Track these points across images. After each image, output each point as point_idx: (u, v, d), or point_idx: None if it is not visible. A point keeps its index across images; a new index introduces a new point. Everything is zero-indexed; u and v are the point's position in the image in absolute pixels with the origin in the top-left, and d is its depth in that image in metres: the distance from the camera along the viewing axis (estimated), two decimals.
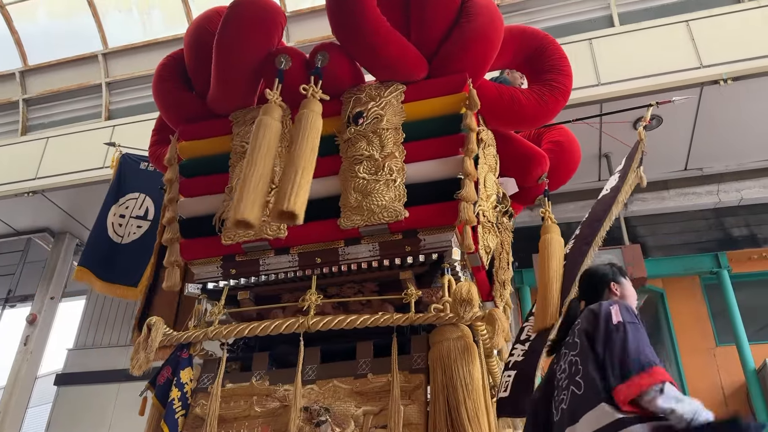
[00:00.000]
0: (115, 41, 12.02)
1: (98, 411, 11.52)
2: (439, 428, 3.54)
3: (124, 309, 12.57)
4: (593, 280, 3.61)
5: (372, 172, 4.19)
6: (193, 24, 4.84)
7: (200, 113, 4.83)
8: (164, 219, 4.70)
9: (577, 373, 3.06)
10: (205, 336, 4.25)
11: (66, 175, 11.44)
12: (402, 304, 4.21)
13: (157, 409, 4.12)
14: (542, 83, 4.62)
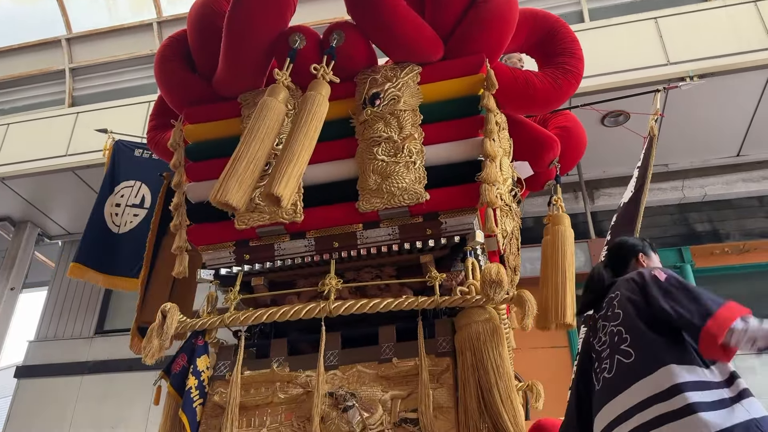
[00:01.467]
0: (80, 26, 11.69)
1: (60, 404, 11.36)
2: (471, 411, 3.54)
3: (87, 299, 12.41)
4: (622, 250, 3.61)
5: (391, 154, 4.15)
6: (198, 2, 4.68)
7: (205, 95, 4.74)
8: (172, 203, 4.60)
9: (623, 342, 3.06)
10: (222, 322, 4.18)
11: (27, 163, 11.24)
12: (420, 289, 4.23)
13: (173, 398, 4.06)
14: (555, 66, 4.61)
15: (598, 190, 10.94)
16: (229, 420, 3.84)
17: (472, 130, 4.18)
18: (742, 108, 9.54)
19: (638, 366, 2.91)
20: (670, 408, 2.71)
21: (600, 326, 3.33)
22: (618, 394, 2.95)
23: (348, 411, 3.72)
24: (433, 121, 4.26)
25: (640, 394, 2.85)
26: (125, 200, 5.76)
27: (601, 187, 11.00)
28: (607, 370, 3.10)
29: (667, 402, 2.74)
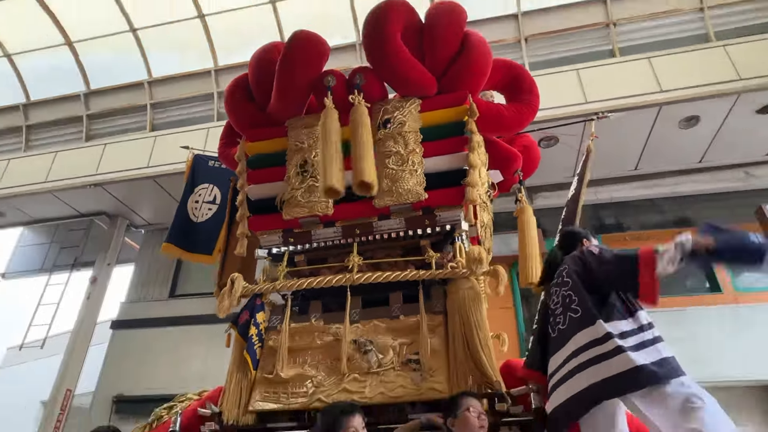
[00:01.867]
0: (158, 72, 11.75)
1: (142, 348, 11.41)
2: (459, 354, 3.66)
3: (163, 272, 12.50)
4: (572, 236, 3.60)
5: (399, 164, 4.25)
6: (256, 55, 4.81)
7: (260, 121, 4.84)
8: (237, 200, 4.74)
9: (572, 302, 3.08)
10: (274, 288, 4.34)
11: (119, 173, 11.25)
12: (420, 264, 4.25)
13: (239, 342, 4.16)
14: (519, 101, 4.67)
15: (537, 193, 10.91)
16: (280, 359, 3.98)
17: (459, 147, 4.27)
18: (639, 134, 9.48)
19: (582, 320, 2.98)
20: (605, 350, 2.79)
21: (554, 291, 3.33)
22: (571, 338, 3.01)
23: (367, 353, 3.87)
24: (429, 140, 4.34)
25: (583, 339, 2.93)
26: (202, 198, 5.82)
27: (540, 191, 10.98)
28: (561, 323, 3.14)
29: (602, 345, 2.81)
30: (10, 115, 12.39)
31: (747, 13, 9.55)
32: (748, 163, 10.40)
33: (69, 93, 12.09)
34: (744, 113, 9.20)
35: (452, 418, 3.03)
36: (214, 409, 3.89)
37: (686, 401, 2.57)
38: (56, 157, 11.60)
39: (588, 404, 2.80)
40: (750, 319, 9.03)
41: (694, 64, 9.21)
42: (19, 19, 11.09)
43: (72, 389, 10.74)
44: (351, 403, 3.22)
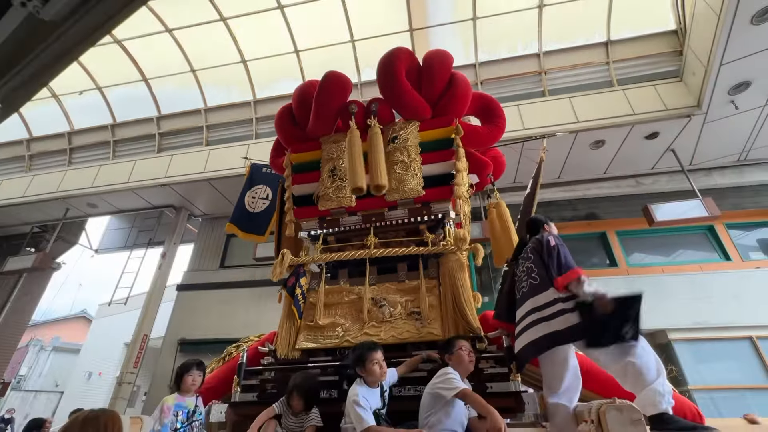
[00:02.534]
0: (211, 102, 11.55)
1: (200, 306, 11.17)
2: (449, 308, 3.70)
3: (214, 249, 12.19)
4: (535, 222, 3.47)
5: (404, 169, 4.28)
6: (299, 89, 4.80)
7: (301, 138, 4.83)
8: (285, 196, 4.75)
9: (533, 272, 3.10)
10: (312, 260, 4.31)
11: (182, 176, 11.06)
12: (419, 242, 4.25)
13: (288, 300, 4.13)
14: (491, 123, 4.69)
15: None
16: (318, 311, 4.03)
17: (449, 157, 4.27)
18: (561, 153, 9.56)
19: (539, 286, 3.00)
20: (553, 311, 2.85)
21: (520, 263, 3.31)
22: (530, 299, 3.01)
23: (382, 307, 3.91)
24: (426, 151, 4.36)
25: (540, 300, 2.94)
26: (258, 195, 5.86)
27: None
28: (524, 287, 3.14)
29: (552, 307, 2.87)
30: (101, 132, 12.15)
31: (639, 66, 9.59)
32: (638, 174, 10.49)
33: (144, 117, 11.87)
34: (636, 138, 9.27)
35: (449, 354, 3.03)
36: (270, 347, 3.86)
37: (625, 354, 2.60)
38: (135, 165, 11.41)
39: (542, 349, 2.82)
40: (636, 285, 9.10)
41: (601, 103, 9.28)
42: (106, 59, 10.89)
43: (148, 334, 10.63)
44: (374, 342, 3.23)
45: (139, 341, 10.38)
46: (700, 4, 7.93)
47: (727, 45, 7.51)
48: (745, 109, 8.58)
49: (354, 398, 2.81)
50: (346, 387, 3.40)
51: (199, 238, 12.33)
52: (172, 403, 3.30)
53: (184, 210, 12.02)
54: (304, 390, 3.15)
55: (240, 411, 3.56)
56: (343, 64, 10.84)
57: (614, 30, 9.57)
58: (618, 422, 2.30)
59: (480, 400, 2.60)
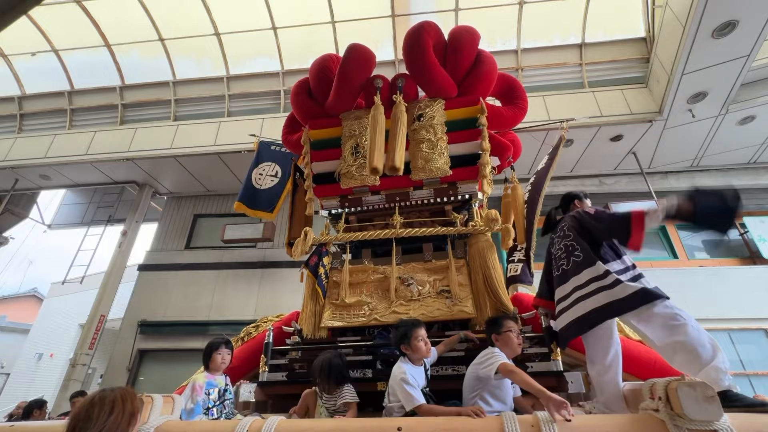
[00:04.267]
0: (180, 74, 10.82)
1: (162, 287, 10.61)
2: (480, 287, 3.64)
3: (180, 229, 11.55)
4: (568, 197, 3.37)
5: (430, 148, 4.10)
6: (317, 63, 4.50)
7: (318, 113, 4.53)
8: (305, 173, 4.50)
9: (575, 250, 2.93)
10: (335, 239, 4.12)
11: (147, 151, 10.37)
12: (444, 222, 4.17)
13: (311, 278, 3.96)
14: (513, 104, 4.54)
15: None
16: (344, 289, 3.85)
17: (475, 137, 4.15)
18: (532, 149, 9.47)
19: (583, 262, 2.87)
20: (606, 283, 2.72)
21: (556, 241, 3.14)
22: (573, 277, 2.89)
23: (410, 285, 3.79)
24: (452, 131, 4.20)
25: (585, 276, 2.82)
26: (266, 172, 5.57)
27: None
28: (565, 265, 2.98)
29: (603, 280, 2.74)
30: (57, 99, 11.05)
31: (609, 70, 9.89)
32: (601, 174, 10.88)
33: (107, 85, 10.94)
34: (602, 140, 9.60)
35: (495, 334, 2.93)
36: (296, 326, 3.65)
37: (671, 318, 2.54)
38: (95, 136, 10.55)
39: (594, 323, 2.73)
40: None
41: (572, 103, 9.50)
42: (65, 21, 9.95)
43: (105, 315, 9.98)
44: (417, 319, 3.09)
45: (95, 322, 9.74)
46: (668, 14, 8.27)
47: (690, 56, 7.89)
48: (701, 118, 9.08)
49: (401, 376, 2.67)
50: (380, 366, 3.30)
51: (164, 217, 11.63)
52: (203, 382, 3.06)
53: (148, 187, 11.28)
54: (322, 371, 2.98)
55: (269, 391, 3.38)
56: (322, 46, 10.50)
57: (589, 33, 9.84)
58: (692, 399, 2.23)
59: (527, 378, 2.46)
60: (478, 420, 2.22)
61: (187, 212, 11.62)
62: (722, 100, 8.71)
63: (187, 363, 9.78)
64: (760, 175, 10.14)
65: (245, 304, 10.21)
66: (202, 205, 11.77)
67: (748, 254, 9.60)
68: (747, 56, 7.88)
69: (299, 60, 10.75)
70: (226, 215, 11.44)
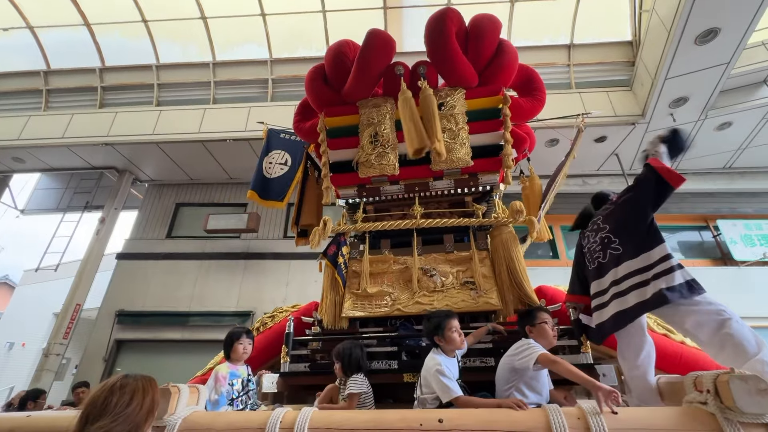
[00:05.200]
0: (164, 58, 10.38)
1: (142, 276, 10.15)
2: (504, 279, 3.60)
3: (162, 218, 11.05)
4: (601, 196, 3.33)
5: (452, 138, 3.97)
6: (332, 50, 4.25)
7: (334, 100, 4.34)
8: (321, 162, 4.29)
9: (612, 242, 2.88)
10: (355, 228, 4.00)
11: (128, 136, 9.86)
12: (463, 214, 4.06)
13: (330, 268, 3.81)
14: (532, 96, 4.43)
15: None
16: (365, 279, 3.74)
17: (497, 127, 4.05)
18: None
19: (622, 255, 2.81)
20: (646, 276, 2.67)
21: (590, 234, 3.09)
22: (611, 270, 2.84)
23: (433, 276, 3.70)
24: (473, 120, 4.08)
25: (624, 270, 2.76)
26: (276, 160, 5.31)
27: None
28: (601, 258, 2.91)
29: (644, 273, 2.69)
30: (32, 79, 10.38)
31: (596, 72, 9.99)
32: (584, 175, 10.97)
33: (85, 66, 10.35)
34: (587, 141, 9.61)
35: (530, 325, 2.86)
36: (317, 317, 3.51)
37: (716, 313, 2.52)
38: (72, 119, 9.95)
39: (634, 316, 2.68)
40: None
41: (559, 103, 9.46)
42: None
43: (81, 304, 9.50)
44: (450, 310, 2.99)
45: (70, 311, 9.27)
46: (654, 19, 8.41)
47: (673, 61, 8.04)
48: (682, 122, 9.26)
49: (437, 367, 2.59)
50: (405, 358, 3.20)
51: (145, 204, 11.13)
52: (227, 372, 2.89)
53: (128, 173, 10.75)
54: (341, 358, 2.94)
55: (291, 381, 3.25)
56: (312, 35, 10.30)
57: (578, 35, 9.91)
58: (744, 392, 2.20)
59: (570, 367, 2.40)
60: (521, 412, 2.14)
61: (168, 200, 11.15)
62: (702, 106, 8.92)
63: (166, 354, 9.49)
64: (734, 180, 10.47)
65: (227, 296, 9.91)
66: (185, 194, 11.33)
67: (720, 255, 9.90)
68: (727, 64, 8.07)
69: (288, 49, 10.47)
70: (209, 204, 11.09)
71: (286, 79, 10.44)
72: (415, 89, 3.70)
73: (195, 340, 9.50)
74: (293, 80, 10.41)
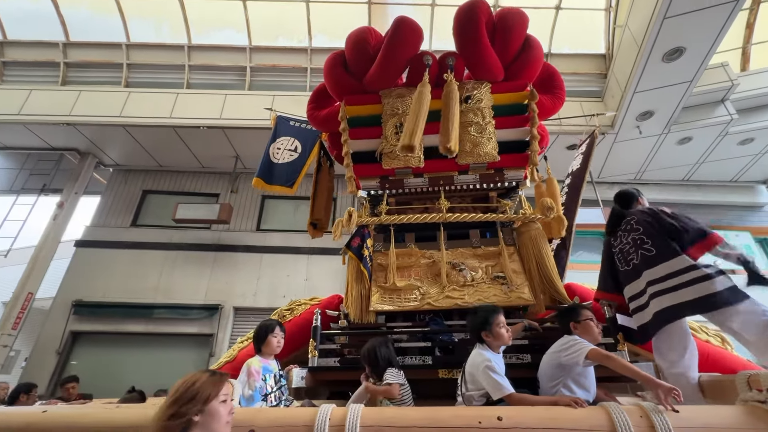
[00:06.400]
0: (135, 37, 9.64)
1: (102, 265, 9.39)
2: (534, 274, 3.54)
3: (127, 205, 10.29)
4: (629, 196, 3.27)
5: (479, 132, 3.88)
6: (354, 36, 4.03)
7: (355, 89, 4.12)
8: (343, 152, 4.02)
9: (645, 243, 2.84)
10: (379, 221, 3.78)
11: (92, 117, 9.10)
12: (486, 209, 3.99)
13: (355, 261, 3.58)
14: (552, 94, 4.33)
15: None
16: (392, 272, 3.56)
17: (523, 123, 3.96)
18: None
19: (657, 256, 2.77)
20: (690, 277, 2.62)
21: (621, 235, 3.04)
22: (646, 270, 2.80)
23: (462, 271, 3.58)
24: (500, 115, 3.98)
25: (662, 271, 2.72)
26: (284, 146, 4.98)
27: None
28: (635, 259, 2.87)
29: (687, 274, 2.63)
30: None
31: (571, 82, 9.68)
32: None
33: (48, 40, 9.43)
34: (559, 148, 9.77)
35: (574, 322, 2.76)
36: (344, 310, 3.31)
37: (762, 314, 2.52)
38: (31, 94, 9.05)
39: (681, 315, 2.65)
40: None
41: None
42: None
43: (33, 293, 8.67)
44: (495, 305, 2.90)
45: (21, 300, 8.47)
46: (627, 35, 8.68)
47: (642, 76, 8.35)
48: (647, 135, 9.65)
49: (487, 363, 2.46)
50: (439, 353, 3.09)
51: (109, 190, 10.29)
52: (260, 366, 2.65)
53: (91, 156, 9.91)
54: (369, 359, 2.79)
55: (319, 377, 3.05)
56: (294, 25, 9.94)
57: (555, 44, 10.07)
58: None
59: (625, 362, 2.35)
60: (582, 410, 2.07)
61: (135, 187, 10.38)
62: (666, 120, 9.30)
63: (126, 347, 8.83)
64: (691, 192, 10.99)
65: (195, 288, 9.36)
66: (153, 181, 10.58)
67: None
68: (690, 82, 8.45)
69: (268, 37, 10.04)
70: (179, 193, 10.41)
71: (265, 68, 10.00)
72: (439, 81, 3.55)
73: (159, 333, 8.92)
74: (273, 69, 10.00)
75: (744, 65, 9.75)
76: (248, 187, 10.53)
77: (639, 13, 8.04)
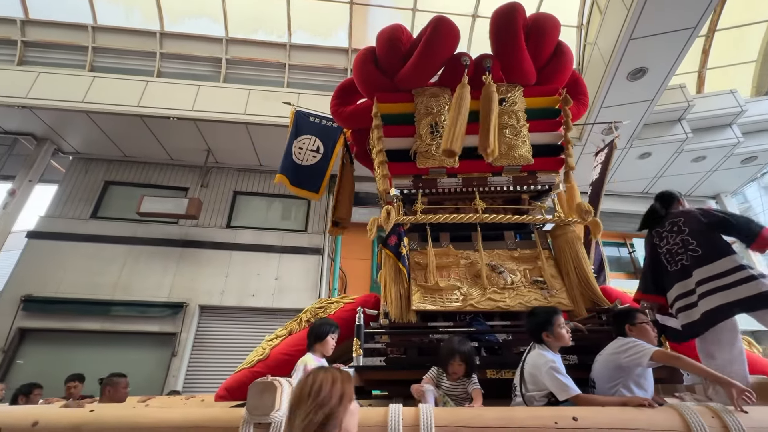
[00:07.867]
0: (102, 20, 8.87)
1: (56, 259, 8.46)
2: (572, 277, 3.43)
3: (87, 196, 9.30)
4: (670, 196, 3.25)
5: (514, 135, 3.79)
6: (386, 33, 3.90)
7: (385, 86, 3.97)
8: (375, 150, 3.84)
9: (691, 244, 2.84)
10: (415, 220, 3.59)
11: (52, 101, 8.21)
12: (515, 211, 3.85)
13: (392, 259, 3.36)
14: (577, 100, 4.34)
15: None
16: (431, 272, 3.40)
17: (556, 127, 3.91)
18: None
19: (704, 257, 2.78)
20: (738, 277, 2.62)
21: (666, 236, 3.02)
22: (695, 270, 2.78)
23: (501, 273, 3.45)
24: (533, 119, 3.91)
25: (709, 271, 2.73)
26: (306, 146, 4.61)
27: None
28: (684, 260, 2.85)
29: (735, 274, 2.64)
30: None
31: None
32: None
33: (3, 16, 8.45)
34: None
35: (630, 324, 2.71)
36: (384, 309, 3.15)
37: None
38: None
39: (731, 314, 2.64)
40: None
41: None
42: None
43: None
44: (554, 307, 2.85)
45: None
46: (596, 52, 8.98)
47: (608, 92, 8.65)
48: None
49: (551, 365, 2.42)
50: (485, 354, 3.00)
51: (67, 179, 9.31)
52: (315, 365, 2.50)
53: (48, 142, 8.93)
54: (466, 355, 2.65)
55: (366, 376, 2.86)
56: (274, 20, 9.52)
57: None
58: None
59: (693, 362, 2.31)
60: (655, 411, 2.03)
61: (96, 177, 9.45)
62: (629, 136, 9.68)
63: (82, 345, 7.99)
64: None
65: (159, 285, 8.64)
66: (116, 171, 9.67)
67: (633, 270, 10.90)
68: (651, 100, 8.84)
69: (246, 30, 9.54)
70: (144, 185, 9.57)
71: (242, 61, 9.49)
72: (474, 82, 3.42)
73: (117, 331, 8.12)
74: (249, 63, 9.51)
75: (699, 88, 10.35)
76: (219, 182, 9.99)
77: (608, 33, 8.30)
